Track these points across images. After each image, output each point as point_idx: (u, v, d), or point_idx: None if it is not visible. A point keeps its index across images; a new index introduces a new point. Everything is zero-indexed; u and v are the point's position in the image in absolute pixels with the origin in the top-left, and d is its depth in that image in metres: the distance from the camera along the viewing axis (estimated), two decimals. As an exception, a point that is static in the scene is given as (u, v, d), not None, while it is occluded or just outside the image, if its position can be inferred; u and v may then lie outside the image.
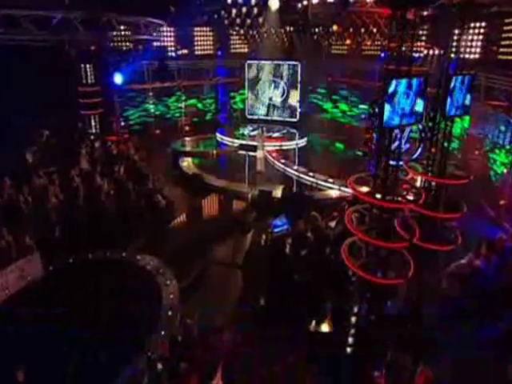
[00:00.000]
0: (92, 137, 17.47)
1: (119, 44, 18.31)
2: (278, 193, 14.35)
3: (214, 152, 20.82)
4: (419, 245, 7.10)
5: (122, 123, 22.09)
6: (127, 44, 18.58)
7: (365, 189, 7.01)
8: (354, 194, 7.64)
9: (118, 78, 19.95)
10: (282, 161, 18.15)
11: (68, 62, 17.38)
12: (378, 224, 6.58)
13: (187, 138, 23.00)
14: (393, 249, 6.58)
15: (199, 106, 25.59)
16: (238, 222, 13.54)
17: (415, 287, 8.06)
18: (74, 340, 6.83)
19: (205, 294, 9.88)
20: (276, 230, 11.27)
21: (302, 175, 16.31)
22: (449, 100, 7.07)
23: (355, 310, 7.07)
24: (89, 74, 18.13)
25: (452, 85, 6.91)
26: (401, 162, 8.27)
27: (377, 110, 5.68)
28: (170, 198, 13.87)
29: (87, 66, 18.04)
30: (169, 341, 6.42)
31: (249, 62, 24.63)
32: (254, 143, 18.24)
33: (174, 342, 6.17)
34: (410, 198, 6.99)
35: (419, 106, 5.79)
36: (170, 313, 8.22)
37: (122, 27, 17.84)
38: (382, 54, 20.64)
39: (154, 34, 19.65)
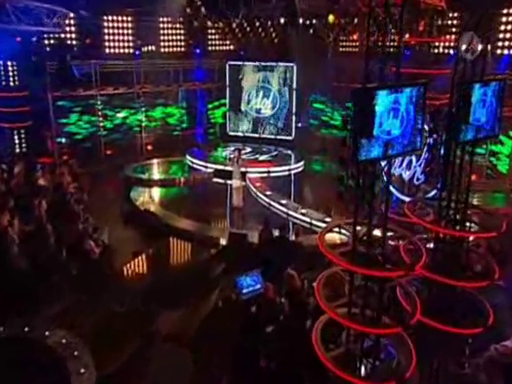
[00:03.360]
0: (10, 158, 16.78)
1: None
2: (255, 236, 13.56)
3: (182, 180, 20.30)
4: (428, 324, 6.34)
5: (63, 140, 21.59)
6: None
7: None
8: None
9: None
10: (268, 192, 17.58)
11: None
12: (363, 295, 5.77)
13: (147, 161, 22.56)
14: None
15: (167, 118, 25.22)
16: (199, 276, 12.76)
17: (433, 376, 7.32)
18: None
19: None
20: (244, 292, 10.40)
21: (291, 212, 15.65)
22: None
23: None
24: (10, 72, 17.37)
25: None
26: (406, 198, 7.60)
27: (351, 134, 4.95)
28: (109, 243, 13.19)
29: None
30: None
31: (231, 62, 24.45)
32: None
33: None
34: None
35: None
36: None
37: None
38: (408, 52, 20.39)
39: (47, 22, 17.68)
